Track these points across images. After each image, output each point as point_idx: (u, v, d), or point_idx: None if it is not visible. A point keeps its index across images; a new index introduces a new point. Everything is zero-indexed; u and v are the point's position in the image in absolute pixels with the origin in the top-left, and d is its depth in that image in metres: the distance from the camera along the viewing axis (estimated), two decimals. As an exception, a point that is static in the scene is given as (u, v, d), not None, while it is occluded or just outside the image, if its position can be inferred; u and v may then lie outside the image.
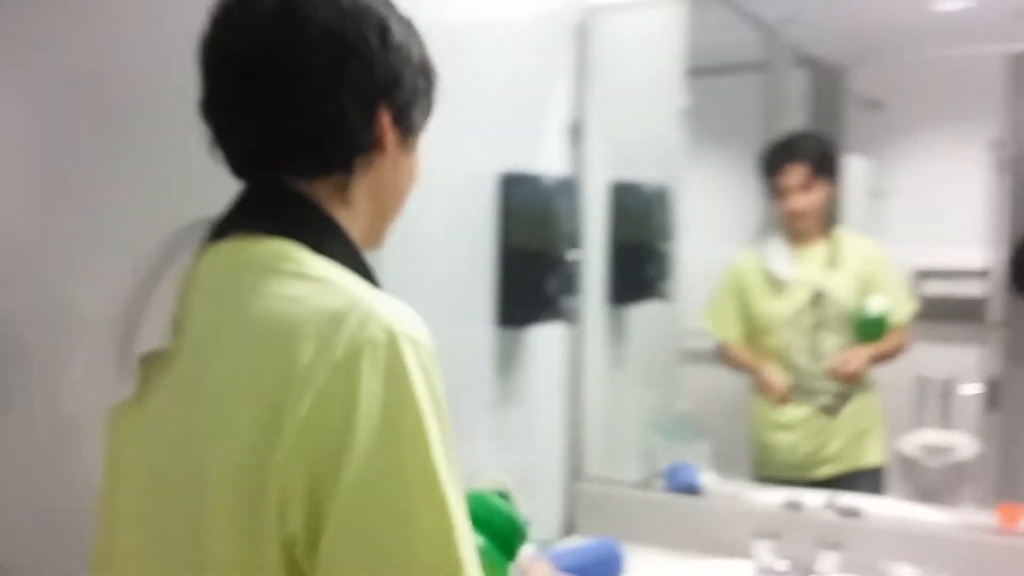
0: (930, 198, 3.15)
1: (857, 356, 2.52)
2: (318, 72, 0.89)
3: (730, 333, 2.72)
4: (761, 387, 2.64)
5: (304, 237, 0.90)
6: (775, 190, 2.56)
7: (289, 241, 0.90)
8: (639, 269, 2.18)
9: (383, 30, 0.93)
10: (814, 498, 2.14)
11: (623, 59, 2.09)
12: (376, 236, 1.01)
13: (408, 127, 0.99)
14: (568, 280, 1.80)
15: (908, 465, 2.93)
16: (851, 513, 2.04)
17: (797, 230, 2.58)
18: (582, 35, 2.03)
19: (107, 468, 0.98)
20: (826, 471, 2.53)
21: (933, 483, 2.82)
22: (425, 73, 1.01)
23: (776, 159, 2.53)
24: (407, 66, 0.96)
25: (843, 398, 2.58)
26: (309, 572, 0.80)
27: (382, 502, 0.77)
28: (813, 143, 2.57)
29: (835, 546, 1.79)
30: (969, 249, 2.88)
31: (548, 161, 1.96)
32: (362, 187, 0.96)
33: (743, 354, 2.71)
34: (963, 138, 2.90)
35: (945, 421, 3.01)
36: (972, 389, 3.06)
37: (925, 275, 3.24)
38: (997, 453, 2.72)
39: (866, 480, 2.48)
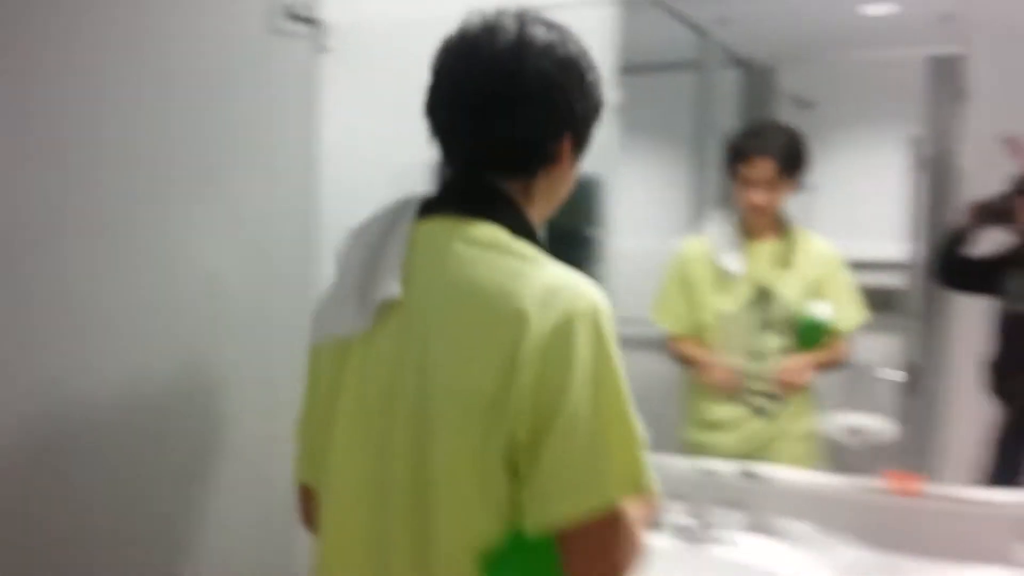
0: (856, 193, 3.28)
1: (803, 369, 2.46)
2: (531, 104, 1.19)
3: (678, 325, 2.63)
4: (710, 381, 2.53)
5: (505, 221, 1.19)
6: (739, 179, 2.47)
7: (494, 224, 1.19)
8: (566, 253, 2.19)
9: (582, 79, 1.24)
10: (724, 466, 2.25)
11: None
12: (540, 223, 1.29)
13: (580, 149, 1.30)
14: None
15: (831, 445, 3.06)
16: (754, 477, 2.17)
17: (752, 225, 2.50)
18: None
19: (324, 392, 1.26)
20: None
21: (853, 462, 2.94)
22: (600, 110, 1.31)
23: (746, 148, 2.46)
24: (591, 106, 1.28)
25: (780, 402, 2.55)
26: (525, 467, 1.11)
27: (592, 422, 1.09)
28: (785, 138, 2.50)
29: (737, 506, 1.93)
30: (891, 242, 3.01)
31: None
32: (540, 189, 1.26)
33: (692, 348, 2.61)
34: (887, 136, 3.03)
35: (868, 405, 3.14)
36: (893, 375, 3.18)
37: (852, 266, 3.38)
38: (915, 436, 2.82)
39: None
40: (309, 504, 1.39)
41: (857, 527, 2.01)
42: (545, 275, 1.15)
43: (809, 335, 2.49)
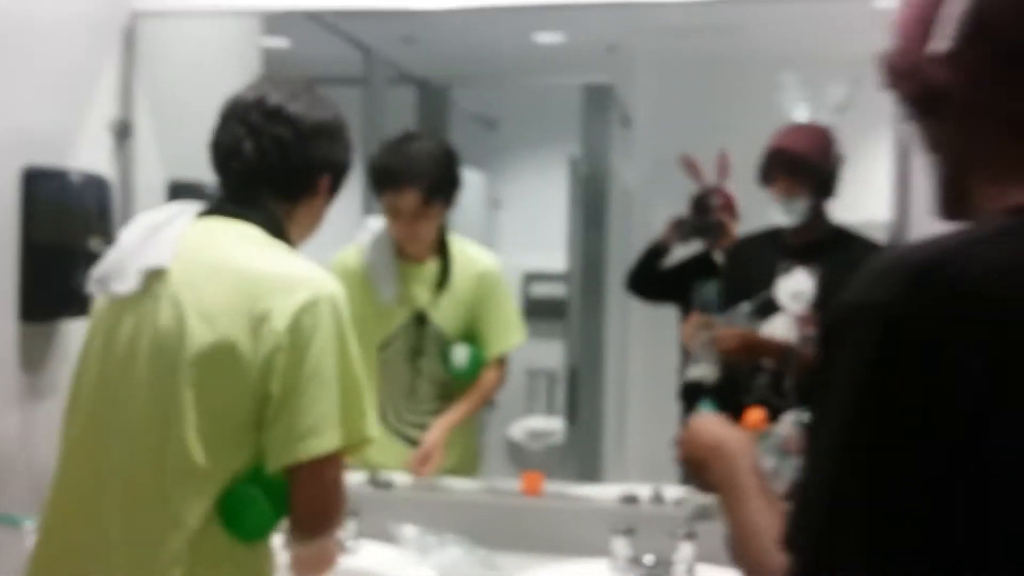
0: (533, 209, 3.48)
1: (433, 452, 2.25)
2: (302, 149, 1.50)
3: None
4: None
5: (266, 227, 1.48)
6: (385, 206, 2.24)
7: (256, 226, 1.47)
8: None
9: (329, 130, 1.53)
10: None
11: (185, 65, 2.14)
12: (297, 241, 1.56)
13: (334, 190, 1.58)
14: None
15: (515, 448, 3.20)
16: (384, 485, 2.22)
17: (406, 250, 2.30)
18: (129, 38, 2.05)
19: (93, 347, 1.46)
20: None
21: (534, 464, 3.06)
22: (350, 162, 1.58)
23: (387, 179, 2.20)
24: (346, 156, 1.57)
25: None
26: (272, 414, 1.38)
27: (331, 381, 1.39)
28: (430, 163, 2.20)
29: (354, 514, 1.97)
30: (559, 255, 3.19)
31: (87, 158, 1.96)
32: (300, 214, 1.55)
33: None
34: (556, 157, 3.21)
35: (549, 408, 3.31)
36: (561, 378, 3.35)
37: (531, 278, 3.58)
38: (582, 434, 3.01)
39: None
40: None
41: (473, 528, 2.08)
42: (298, 264, 1.43)
43: (464, 380, 2.35)
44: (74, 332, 1.91)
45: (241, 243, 1.45)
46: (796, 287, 2.23)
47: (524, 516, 2.12)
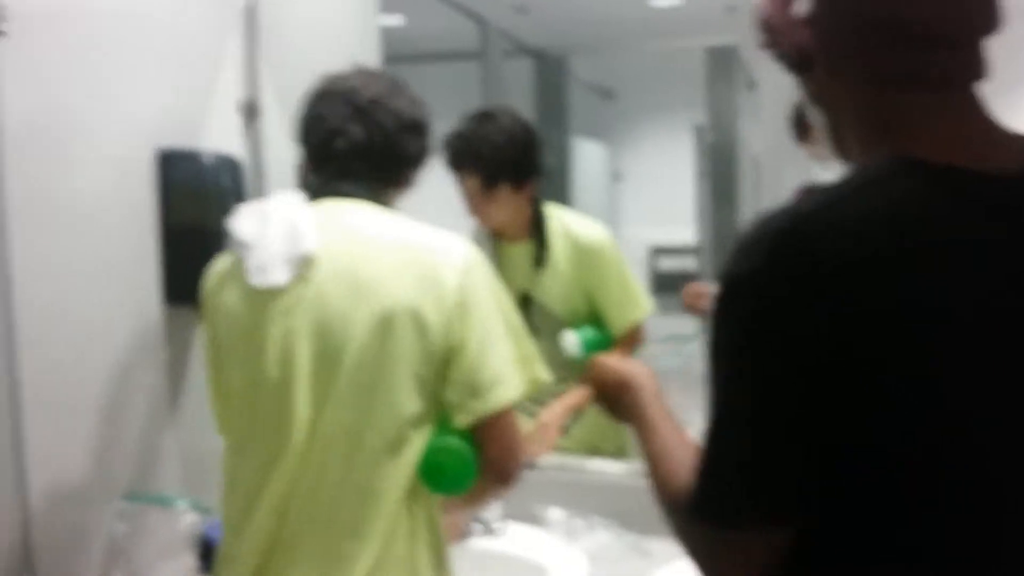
0: (657, 180, 3.35)
1: (546, 431, 2.17)
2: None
3: None
4: None
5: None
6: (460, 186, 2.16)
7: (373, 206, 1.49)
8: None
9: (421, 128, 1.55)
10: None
11: (306, 43, 2.10)
12: None
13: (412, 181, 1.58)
14: None
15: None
16: (528, 465, 2.13)
17: (498, 231, 2.21)
18: (251, 18, 2.02)
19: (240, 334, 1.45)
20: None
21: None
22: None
23: (449, 161, 2.12)
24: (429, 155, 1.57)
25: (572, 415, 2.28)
26: (453, 372, 1.41)
27: (495, 332, 1.43)
28: (491, 148, 2.07)
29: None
30: (688, 227, 3.06)
31: (217, 139, 1.94)
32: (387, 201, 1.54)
33: None
34: (679, 124, 3.08)
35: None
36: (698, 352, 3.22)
37: (659, 252, 3.46)
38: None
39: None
40: None
41: (619, 511, 1.97)
42: (436, 231, 1.45)
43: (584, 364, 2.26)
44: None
45: (378, 217, 1.47)
46: None
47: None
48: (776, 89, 2.86)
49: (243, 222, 1.46)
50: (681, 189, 3.08)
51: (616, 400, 1.19)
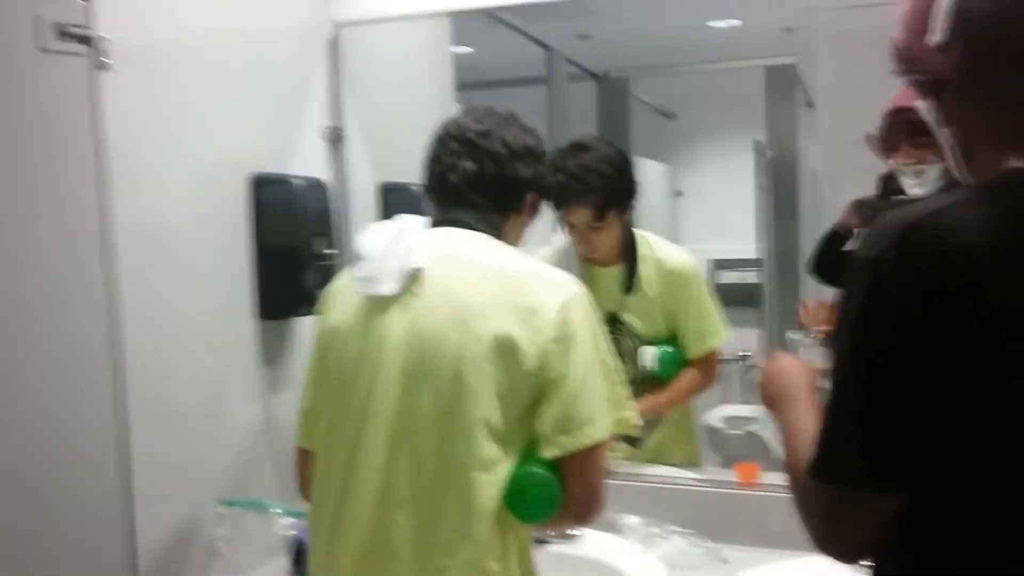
0: (717, 197, 3.36)
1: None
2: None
3: None
4: None
5: (492, 235, 1.53)
6: (563, 222, 2.21)
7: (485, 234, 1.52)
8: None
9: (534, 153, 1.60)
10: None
11: (385, 72, 2.17)
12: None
13: (536, 210, 1.63)
14: (325, 274, 1.87)
15: (713, 434, 3.09)
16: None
17: (591, 257, 2.25)
18: (334, 48, 2.09)
19: (349, 342, 1.48)
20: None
21: (735, 449, 2.95)
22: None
23: (561, 196, 2.14)
24: (547, 178, 1.64)
25: (647, 427, 2.30)
26: (545, 405, 1.41)
27: (591, 369, 1.43)
28: (599, 180, 2.11)
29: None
30: (748, 241, 3.06)
31: (305, 165, 2.02)
32: (508, 229, 1.59)
33: None
34: (739, 143, 3.08)
35: (743, 396, 3.18)
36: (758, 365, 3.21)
37: (720, 264, 3.46)
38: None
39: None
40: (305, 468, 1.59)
41: (692, 519, 1.98)
42: (544, 264, 1.49)
43: (663, 379, 2.26)
44: (306, 328, 1.96)
45: (487, 246, 1.50)
46: None
47: (744, 507, 2.01)
48: (833, 107, 2.88)
49: (366, 237, 1.51)
50: (741, 205, 3.08)
51: (777, 399, 1.22)
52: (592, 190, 2.06)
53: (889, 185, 2.33)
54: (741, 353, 3.30)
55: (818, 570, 1.82)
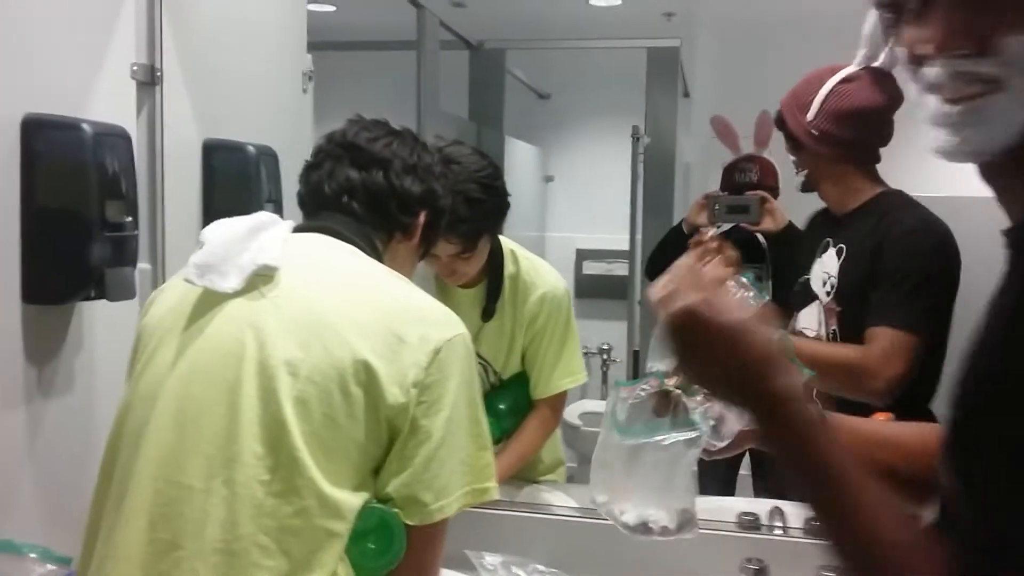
0: (589, 185, 3.05)
1: None
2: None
3: None
4: None
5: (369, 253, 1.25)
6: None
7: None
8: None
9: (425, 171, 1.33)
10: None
11: (220, 8, 1.72)
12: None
13: (429, 238, 1.34)
14: (118, 248, 1.39)
15: (571, 432, 2.80)
16: None
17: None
18: None
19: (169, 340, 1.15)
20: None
21: (591, 445, 2.68)
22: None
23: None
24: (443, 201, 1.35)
25: None
26: (395, 461, 1.10)
27: (456, 431, 1.14)
28: (467, 207, 1.62)
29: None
30: (618, 232, 2.76)
31: (102, 108, 1.51)
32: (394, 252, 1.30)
33: None
34: (614, 128, 2.78)
35: (602, 391, 2.92)
36: (621, 359, 2.98)
37: (586, 255, 3.17)
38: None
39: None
40: None
41: (565, 554, 1.59)
42: (426, 296, 1.21)
43: (502, 433, 1.79)
44: (96, 315, 1.47)
45: (360, 259, 1.21)
46: (822, 269, 1.72)
47: (621, 540, 1.63)
48: (708, 94, 2.60)
49: (215, 227, 1.19)
50: (614, 193, 2.79)
51: (743, 378, 0.74)
52: (460, 220, 1.56)
53: (730, 178, 2.09)
54: (603, 345, 3.05)
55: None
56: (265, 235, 1.18)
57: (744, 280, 1.69)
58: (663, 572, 1.55)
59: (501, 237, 1.79)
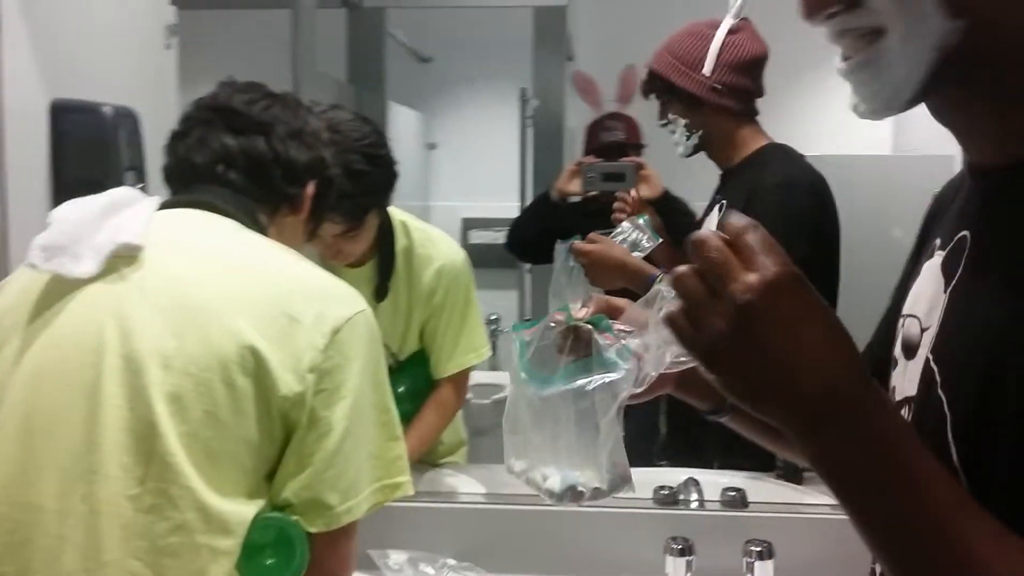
0: (475, 151, 2.89)
1: None
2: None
3: None
4: None
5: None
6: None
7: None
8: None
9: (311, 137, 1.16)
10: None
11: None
12: None
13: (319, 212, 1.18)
14: None
15: (468, 407, 2.68)
16: None
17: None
18: None
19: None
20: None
21: (481, 420, 2.56)
22: None
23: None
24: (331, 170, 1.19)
25: None
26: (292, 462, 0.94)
27: (360, 422, 1.00)
28: (352, 181, 1.41)
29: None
30: (506, 200, 2.61)
31: None
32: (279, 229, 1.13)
33: None
34: (500, 92, 2.62)
35: (490, 362, 2.79)
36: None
37: (472, 224, 3.01)
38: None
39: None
40: None
41: (476, 546, 1.43)
42: (321, 271, 1.04)
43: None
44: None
45: (240, 234, 1.04)
46: (708, 228, 1.64)
47: (539, 527, 1.50)
48: (589, 62, 2.47)
49: (67, 206, 1.00)
50: (501, 160, 2.64)
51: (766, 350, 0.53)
52: (344, 196, 1.35)
53: (595, 136, 2.00)
54: (491, 316, 2.92)
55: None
56: (127, 212, 1.00)
57: (639, 222, 1.59)
58: (584, 558, 1.45)
59: (390, 208, 1.61)
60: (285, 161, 1.08)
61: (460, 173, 2.94)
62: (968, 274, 0.59)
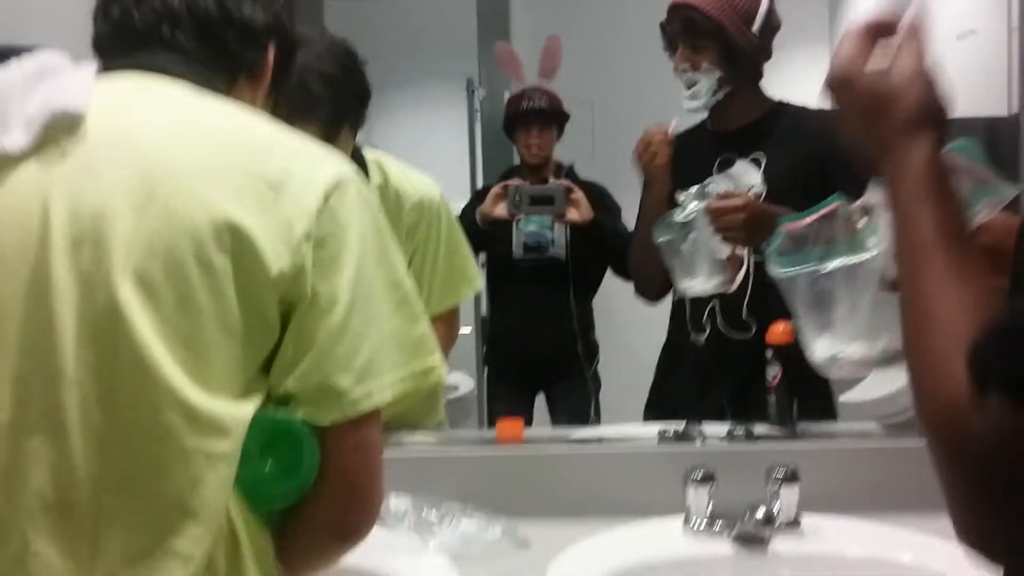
0: (419, 148, 2.72)
1: None
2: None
3: None
4: None
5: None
6: None
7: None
8: None
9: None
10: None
11: None
12: None
13: (280, 78, 1.02)
14: None
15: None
16: None
17: None
18: None
19: None
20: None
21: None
22: None
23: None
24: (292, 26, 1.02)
25: None
26: (295, 343, 0.82)
27: (370, 294, 0.88)
28: (323, 85, 1.39)
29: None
30: (458, 193, 2.45)
31: None
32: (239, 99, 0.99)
33: None
34: (445, 84, 2.47)
35: (454, 363, 2.65)
36: (467, 329, 2.70)
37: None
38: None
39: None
40: None
41: (478, 491, 1.38)
42: (297, 136, 0.89)
43: None
44: None
45: (203, 99, 0.88)
46: (739, 182, 1.55)
47: (538, 471, 1.46)
48: (535, 41, 2.33)
49: None
50: (449, 152, 2.51)
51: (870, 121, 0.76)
52: (318, 100, 1.30)
53: (516, 105, 1.98)
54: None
55: (635, 542, 1.34)
56: (61, 77, 0.85)
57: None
58: (601, 499, 1.41)
59: (365, 149, 1.55)
60: (239, 21, 0.92)
61: (405, 166, 2.79)
62: None
